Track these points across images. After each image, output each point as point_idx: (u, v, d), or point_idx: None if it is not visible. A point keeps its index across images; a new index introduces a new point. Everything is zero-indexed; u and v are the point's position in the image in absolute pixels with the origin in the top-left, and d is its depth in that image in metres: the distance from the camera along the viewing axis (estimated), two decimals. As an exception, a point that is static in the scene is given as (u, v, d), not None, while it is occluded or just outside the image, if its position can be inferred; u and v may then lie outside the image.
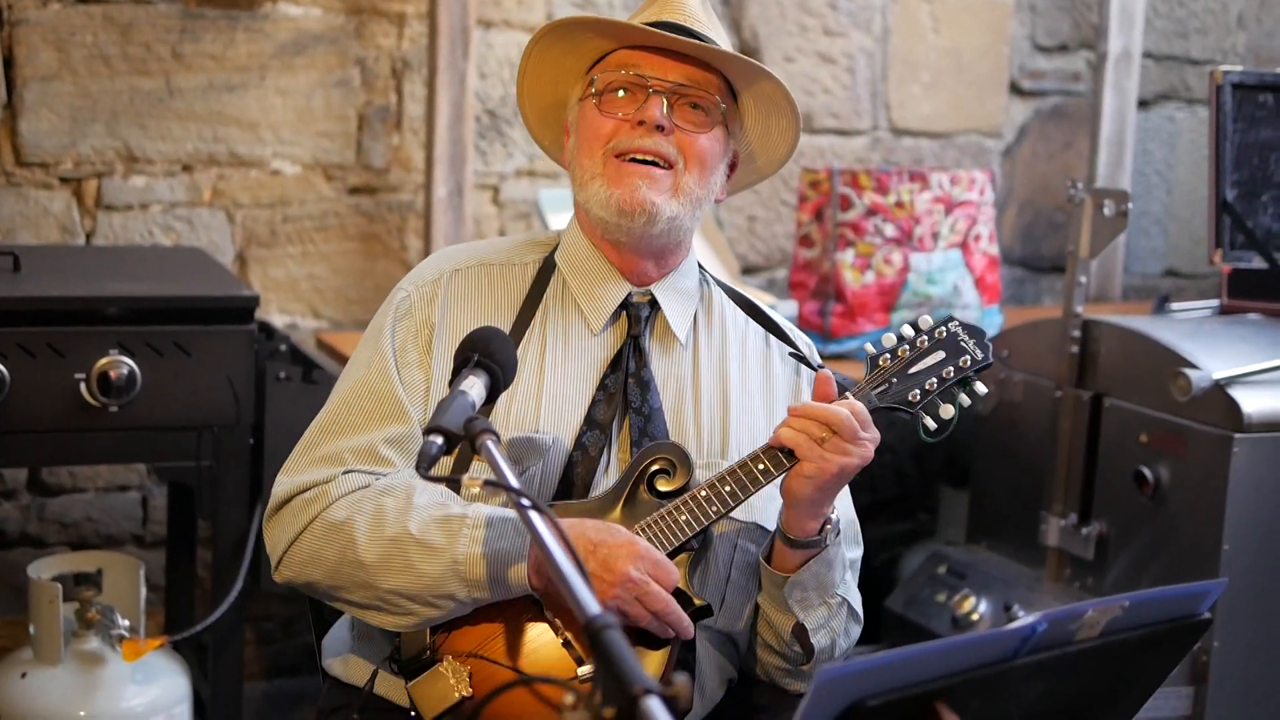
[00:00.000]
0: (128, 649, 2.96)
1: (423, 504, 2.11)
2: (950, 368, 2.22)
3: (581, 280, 2.29)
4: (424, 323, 2.24)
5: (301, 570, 2.16)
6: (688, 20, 2.24)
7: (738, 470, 2.14)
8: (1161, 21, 4.80)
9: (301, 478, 2.18)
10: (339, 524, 2.12)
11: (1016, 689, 1.73)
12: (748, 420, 2.31)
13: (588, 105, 2.25)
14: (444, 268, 2.30)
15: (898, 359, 2.21)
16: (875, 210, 3.79)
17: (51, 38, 3.52)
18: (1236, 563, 3.13)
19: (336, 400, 2.24)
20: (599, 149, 2.22)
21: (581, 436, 2.21)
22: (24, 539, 3.66)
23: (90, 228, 3.63)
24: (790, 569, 2.20)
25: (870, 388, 2.20)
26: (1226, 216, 3.59)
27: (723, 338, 2.36)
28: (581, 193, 2.25)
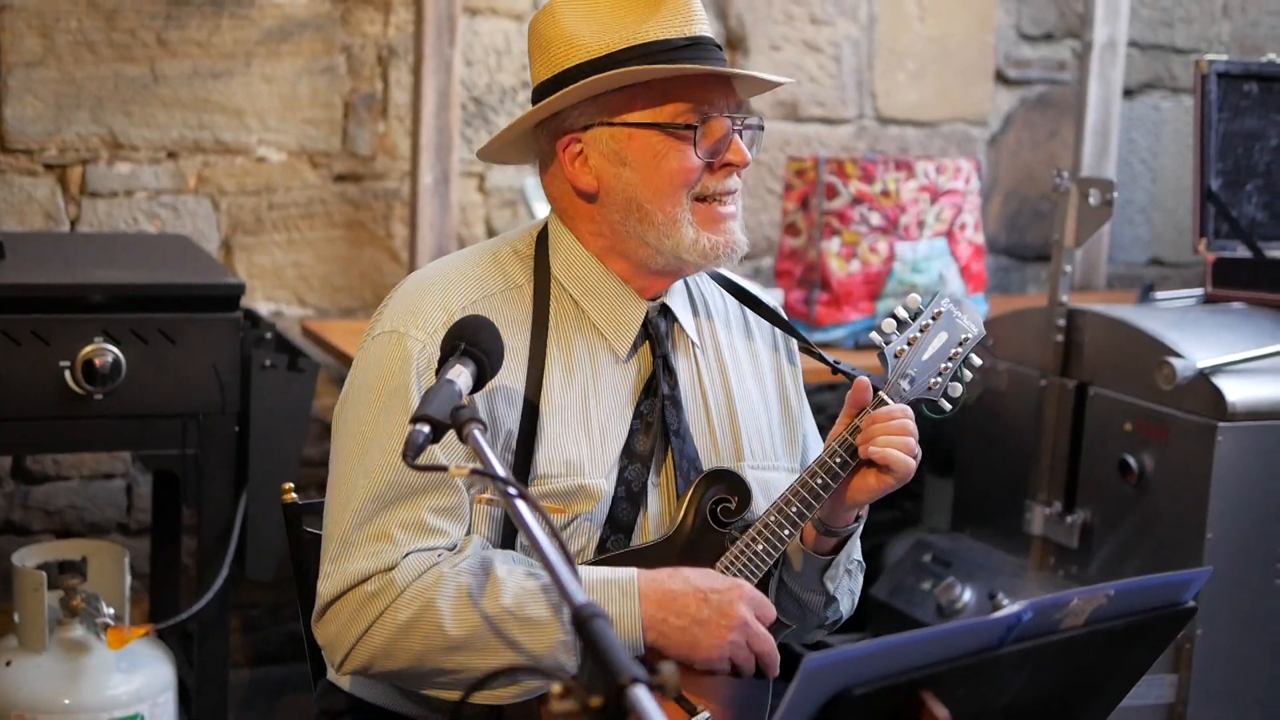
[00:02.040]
0: (112, 637, 2.96)
1: (505, 576, 2.00)
2: (956, 348, 2.23)
3: (598, 304, 2.17)
4: None
5: (375, 662, 2.03)
6: (705, 27, 2.15)
7: (800, 490, 2.13)
8: (1147, 10, 4.80)
9: (355, 568, 2.01)
10: (417, 615, 1.99)
11: (1002, 677, 1.74)
12: (750, 412, 2.28)
13: (659, 141, 2.11)
14: (450, 307, 2.11)
15: (913, 347, 2.21)
16: (861, 199, 3.79)
17: (36, 23, 3.51)
18: (1220, 551, 3.14)
19: (370, 479, 2.05)
20: (683, 194, 2.11)
21: (624, 472, 2.14)
22: (8, 527, 3.66)
23: (75, 215, 3.62)
24: (828, 551, 2.23)
25: (899, 384, 2.19)
26: (1211, 205, 3.60)
27: (711, 326, 2.30)
28: (664, 239, 2.11)
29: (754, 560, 2.12)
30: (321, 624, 2.05)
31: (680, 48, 2.10)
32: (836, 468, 2.13)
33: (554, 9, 2.16)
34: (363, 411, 2.09)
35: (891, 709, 1.61)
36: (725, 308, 2.33)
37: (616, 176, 2.12)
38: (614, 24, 2.12)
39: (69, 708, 2.97)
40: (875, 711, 1.59)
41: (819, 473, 2.13)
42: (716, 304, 2.32)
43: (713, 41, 2.14)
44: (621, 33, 2.11)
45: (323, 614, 2.05)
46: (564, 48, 2.13)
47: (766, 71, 2.23)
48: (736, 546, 2.13)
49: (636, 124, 2.11)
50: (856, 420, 2.15)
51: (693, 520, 2.13)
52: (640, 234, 2.13)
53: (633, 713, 1.37)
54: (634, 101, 2.11)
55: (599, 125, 2.12)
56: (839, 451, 2.14)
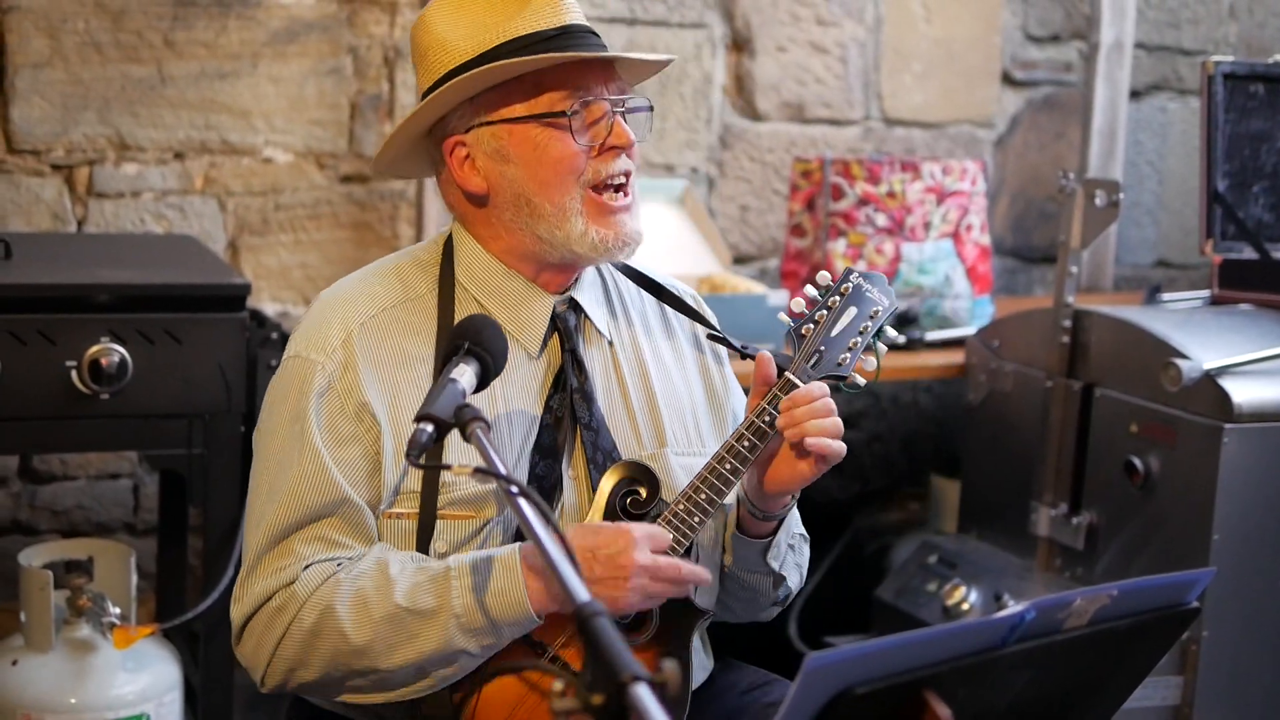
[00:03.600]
0: (119, 636, 2.96)
1: (399, 573, 2.04)
2: (865, 322, 2.20)
3: (502, 305, 2.19)
4: (348, 394, 2.11)
5: (291, 676, 2.08)
6: (577, 16, 2.17)
7: (708, 476, 2.12)
8: (1153, 12, 4.80)
9: (259, 588, 2.08)
10: (320, 622, 2.04)
11: (1005, 677, 1.74)
12: (673, 401, 2.29)
13: (539, 132, 2.13)
14: (347, 324, 2.15)
15: (818, 325, 2.19)
16: (867, 200, 3.79)
17: (43, 25, 3.52)
18: (1226, 552, 3.13)
19: (275, 503, 2.10)
20: (572, 184, 2.13)
21: (535, 468, 2.16)
22: (15, 526, 3.67)
23: (82, 215, 3.63)
24: (765, 534, 2.23)
25: (805, 361, 2.18)
26: (1218, 207, 3.60)
27: (629, 324, 2.31)
28: (554, 230, 2.13)
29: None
30: (240, 646, 2.12)
31: (551, 38, 2.12)
32: (745, 451, 2.12)
33: (427, 17, 2.19)
34: (269, 438, 2.15)
35: (894, 708, 1.61)
36: (641, 301, 2.35)
37: (502, 175, 2.15)
38: (485, 23, 2.14)
39: (75, 707, 2.97)
40: (878, 711, 1.59)
41: (727, 458, 2.12)
42: (632, 298, 2.34)
43: (586, 29, 2.17)
44: (492, 31, 2.13)
45: (239, 638, 2.12)
46: (439, 53, 2.16)
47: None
48: None
49: (514, 119, 2.13)
50: (765, 402, 2.14)
51: (603, 513, 2.13)
52: (532, 228, 2.15)
53: (634, 710, 1.37)
54: (510, 97, 2.14)
55: (479, 126, 2.15)
56: (746, 435, 2.13)
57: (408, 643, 2.02)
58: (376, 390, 2.12)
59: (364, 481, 2.11)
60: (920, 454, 4.54)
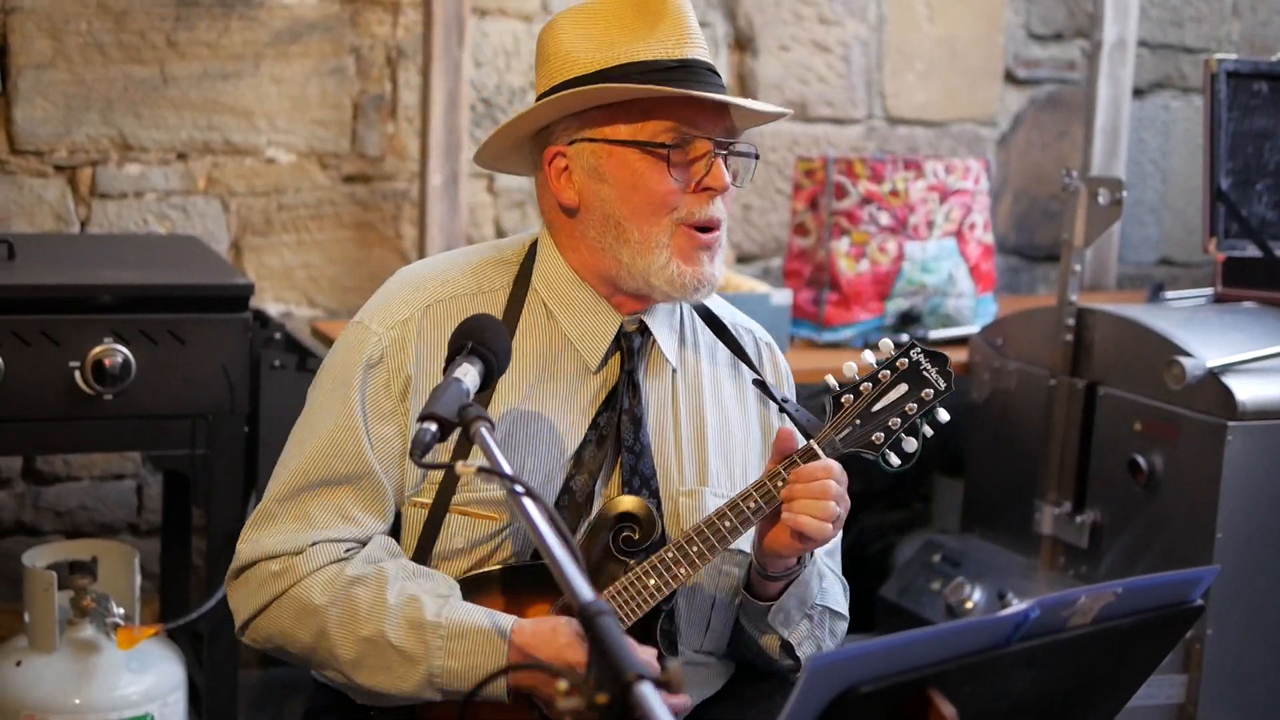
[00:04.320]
0: (123, 637, 2.96)
1: (395, 603, 2.05)
2: (913, 403, 2.17)
3: (569, 313, 2.20)
4: (397, 371, 2.13)
5: (268, 641, 2.14)
6: (704, 53, 2.16)
7: (705, 529, 2.10)
8: (1156, 10, 4.80)
9: (269, 543, 2.11)
10: (310, 609, 2.07)
11: (1009, 675, 1.73)
12: (724, 441, 2.28)
13: (637, 159, 2.12)
14: (414, 302, 2.17)
15: (861, 396, 2.15)
16: (870, 199, 3.79)
17: (46, 25, 3.52)
18: (1230, 551, 3.13)
19: (303, 455, 2.13)
20: (664, 217, 2.12)
21: (569, 481, 2.16)
22: (19, 527, 3.67)
23: (85, 216, 3.63)
24: (770, 596, 2.20)
25: (834, 433, 2.14)
26: (1221, 205, 3.59)
27: (696, 359, 2.29)
28: (637, 259, 2.13)
29: (641, 594, 2.10)
30: (232, 586, 2.17)
31: (669, 69, 2.11)
32: (749, 513, 2.10)
33: (558, 23, 2.19)
34: (317, 393, 2.21)
35: (898, 707, 1.61)
36: (713, 341, 2.33)
37: (595, 193, 2.15)
38: (610, 42, 2.14)
39: (79, 708, 2.97)
40: (882, 709, 1.59)
41: (729, 514, 2.11)
42: (704, 335, 2.32)
43: (706, 66, 2.15)
44: (614, 50, 2.13)
45: (235, 576, 2.16)
46: (560, 62, 2.16)
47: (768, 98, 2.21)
48: (628, 577, 2.10)
49: (616, 141, 2.13)
50: (780, 466, 2.11)
51: (596, 544, 2.13)
52: (615, 252, 2.15)
53: (638, 710, 1.37)
54: (617, 119, 2.13)
55: (582, 141, 2.15)
56: (754, 496, 2.11)
57: (382, 671, 2.06)
58: (425, 374, 2.13)
59: (394, 461, 2.13)
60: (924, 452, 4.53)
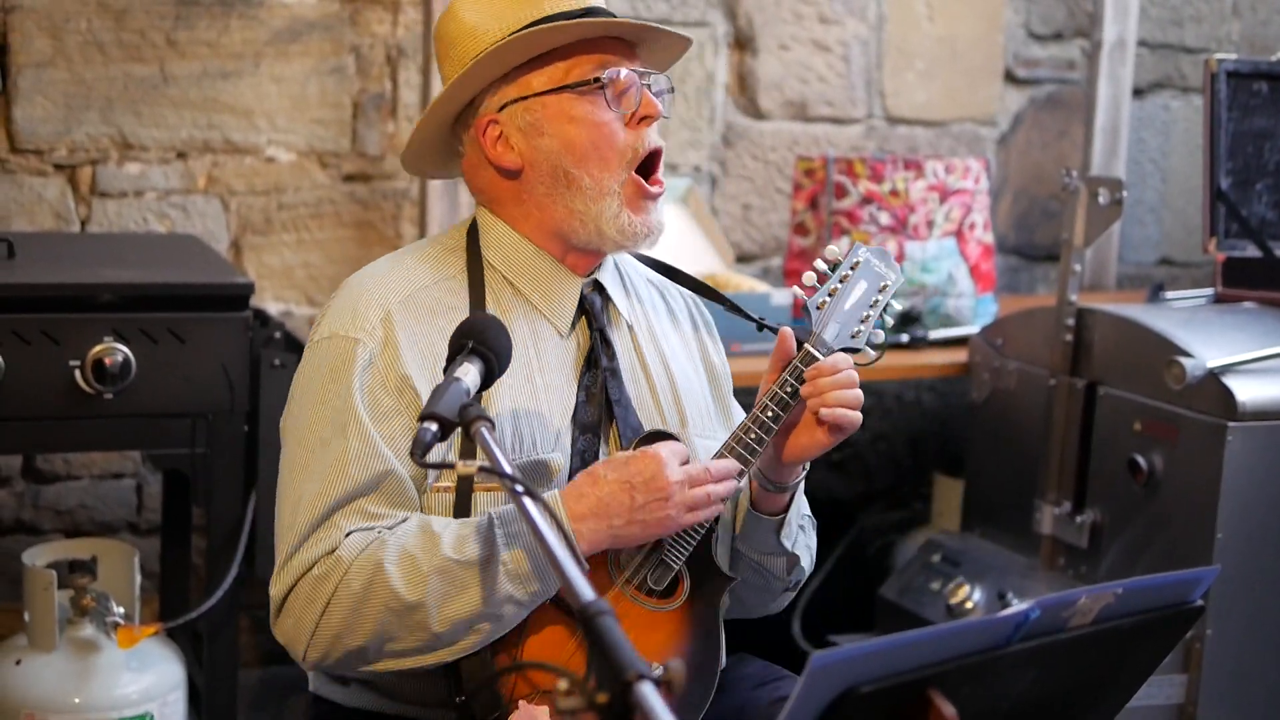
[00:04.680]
0: (122, 636, 2.96)
1: (443, 528, 2.05)
2: (876, 296, 2.23)
3: (533, 283, 2.22)
4: (390, 368, 2.11)
5: (337, 643, 2.05)
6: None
7: (735, 445, 2.15)
8: (1156, 9, 4.80)
9: (301, 558, 2.06)
10: (369, 581, 2.02)
11: (1009, 676, 1.74)
12: (687, 384, 2.33)
13: (572, 103, 2.16)
14: (384, 302, 2.16)
15: (834, 298, 2.22)
16: (870, 198, 3.79)
17: (46, 24, 3.52)
18: (1230, 551, 3.13)
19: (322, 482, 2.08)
20: (614, 160, 2.17)
21: (576, 443, 2.19)
22: (19, 526, 3.67)
23: (85, 215, 3.63)
24: (779, 510, 2.25)
25: (822, 334, 2.21)
26: (1221, 205, 3.59)
27: (643, 310, 2.35)
28: (589, 205, 2.17)
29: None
30: (279, 622, 2.09)
31: (576, 15, 2.18)
32: (769, 421, 2.15)
33: (454, 8, 2.23)
34: (310, 416, 2.13)
35: (898, 707, 1.61)
36: (649, 289, 2.39)
37: (537, 149, 2.18)
38: (512, 7, 2.19)
39: (79, 706, 2.97)
40: (882, 709, 1.59)
41: (752, 428, 2.15)
42: (641, 284, 2.38)
43: (608, 11, 2.22)
44: (519, 13, 2.18)
45: (279, 612, 2.08)
46: (468, 41, 2.19)
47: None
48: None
49: (546, 91, 2.17)
50: (787, 373, 2.16)
51: None
52: (567, 201, 2.19)
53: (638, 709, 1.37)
54: (539, 73, 2.18)
55: (511, 104, 2.19)
56: (770, 405, 2.15)
57: (459, 594, 2.02)
58: (417, 365, 2.13)
59: (407, 456, 2.07)
60: (924, 453, 4.54)
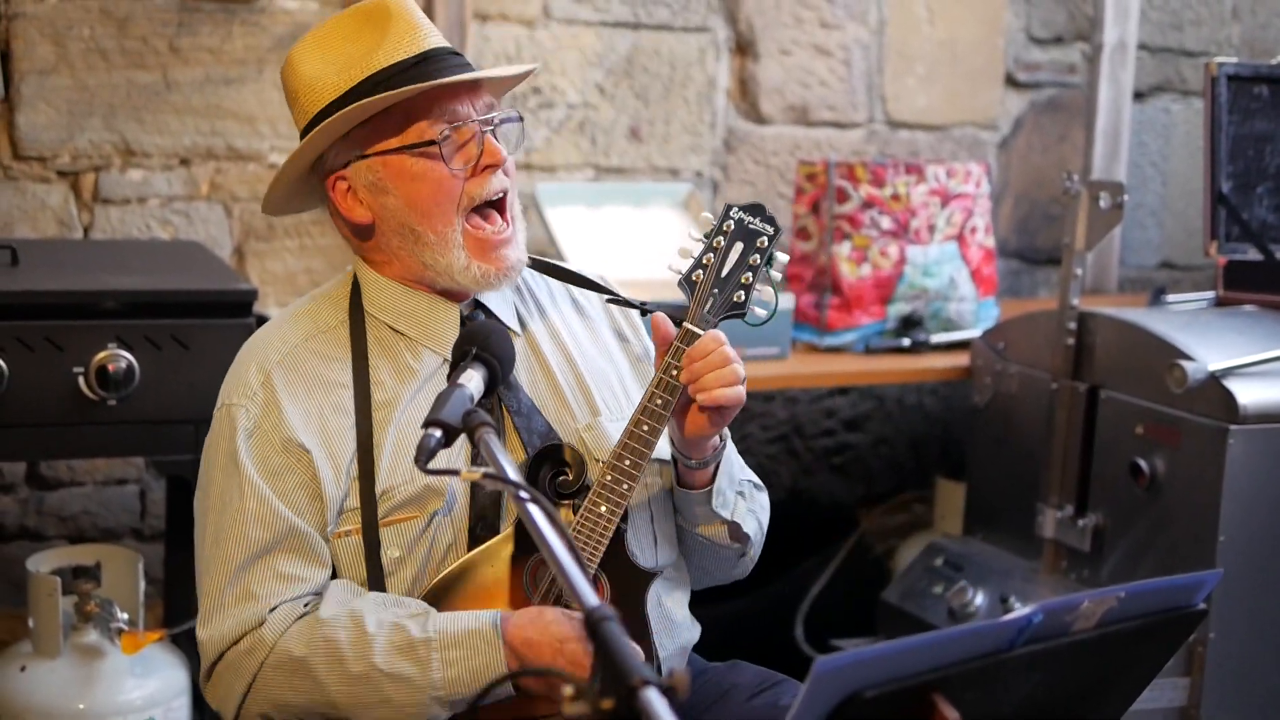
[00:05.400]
0: (127, 642, 2.97)
1: (375, 633, 2.06)
2: (755, 254, 2.21)
3: (410, 321, 2.25)
4: (274, 429, 2.15)
5: (270, 713, 2.11)
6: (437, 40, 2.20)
7: (628, 442, 2.14)
8: (1156, 13, 4.80)
9: (226, 629, 2.10)
10: (293, 666, 2.07)
11: (1012, 680, 1.74)
12: (597, 373, 2.34)
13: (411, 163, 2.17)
14: (264, 365, 2.21)
15: (707, 268, 2.21)
16: (871, 203, 3.79)
17: (49, 31, 3.53)
18: (1232, 554, 3.14)
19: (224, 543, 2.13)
20: (451, 212, 2.17)
21: (475, 460, 2.14)
22: (23, 532, 3.67)
23: (88, 221, 3.64)
24: (704, 484, 2.26)
25: (700, 308, 2.19)
26: (1222, 208, 3.60)
27: (538, 306, 2.37)
28: (437, 258, 2.19)
29: (598, 520, 2.14)
30: (208, 687, 2.14)
31: (411, 66, 2.16)
32: (659, 409, 2.15)
33: (292, 59, 2.23)
34: (207, 485, 2.20)
35: (902, 712, 1.61)
36: (549, 287, 2.41)
37: (383, 206, 2.20)
38: (348, 59, 2.18)
39: (83, 713, 2.97)
40: (886, 714, 1.59)
41: (643, 420, 2.15)
42: (539, 286, 2.40)
43: (448, 50, 2.20)
44: (356, 67, 2.17)
45: (208, 677, 2.14)
46: (309, 94, 2.21)
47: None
48: (580, 513, 2.15)
49: (386, 151, 2.17)
50: (669, 358, 2.16)
51: None
52: (418, 255, 2.21)
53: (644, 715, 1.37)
54: (381, 131, 2.18)
55: (355, 160, 2.20)
56: (657, 393, 2.15)
57: (382, 704, 2.06)
58: (301, 421, 2.16)
59: (306, 508, 2.14)
60: (926, 456, 4.54)
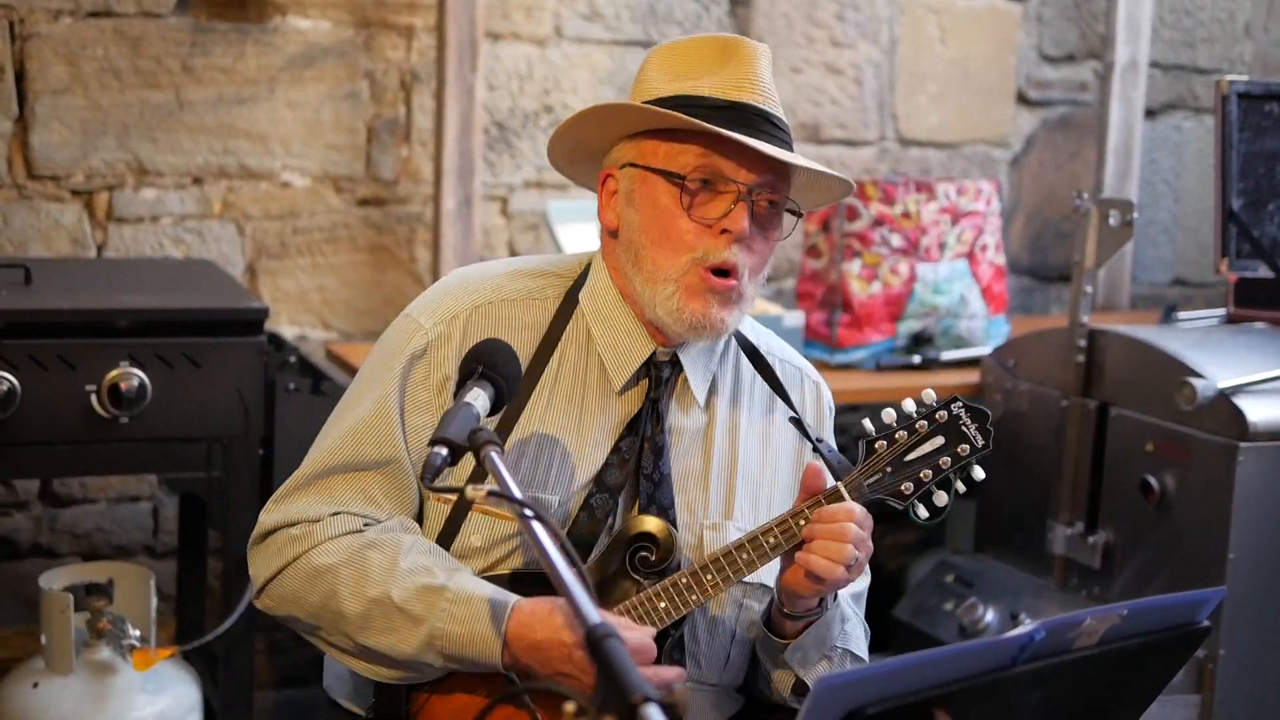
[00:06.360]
0: (139, 659, 2.98)
1: (406, 568, 2.07)
2: (947, 457, 2.15)
3: (607, 332, 2.21)
4: (438, 366, 2.16)
5: (281, 605, 2.16)
6: (764, 100, 2.14)
7: (721, 559, 2.10)
8: (1168, 31, 4.81)
9: (291, 510, 2.15)
10: (323, 569, 2.09)
11: (1015, 697, 1.74)
12: (753, 478, 2.29)
13: (662, 188, 2.13)
14: (464, 302, 2.20)
15: (895, 444, 2.14)
16: (882, 220, 3.80)
17: (63, 51, 3.55)
18: (1242, 571, 3.13)
19: (336, 435, 2.17)
20: (682, 255, 2.12)
21: (590, 499, 2.17)
22: (36, 550, 3.69)
23: (101, 240, 3.66)
24: (790, 634, 2.20)
25: (863, 477, 2.13)
26: (1233, 225, 3.59)
27: (734, 397, 2.30)
28: (646, 287, 2.15)
29: (651, 614, 2.10)
30: (253, 553, 2.20)
31: (719, 107, 2.12)
32: (767, 548, 2.10)
33: (652, 52, 2.25)
34: (359, 379, 2.23)
35: (905, 728, 1.62)
36: (753, 380, 2.33)
37: (627, 218, 2.19)
38: (682, 74, 2.17)
39: (95, 729, 2.99)
40: (888, 731, 1.60)
41: (747, 547, 2.11)
42: (745, 370, 2.33)
43: (763, 113, 2.13)
44: (681, 82, 2.16)
45: (256, 544, 2.19)
46: (640, 86, 2.22)
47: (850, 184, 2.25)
48: (640, 596, 2.11)
49: (651, 167, 2.15)
50: (805, 505, 2.11)
51: (611, 560, 2.13)
52: (632, 278, 2.18)
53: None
54: (659, 149, 2.16)
55: (628, 165, 2.19)
56: (774, 531, 2.11)
57: (385, 631, 2.07)
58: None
59: (421, 452, 2.10)
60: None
